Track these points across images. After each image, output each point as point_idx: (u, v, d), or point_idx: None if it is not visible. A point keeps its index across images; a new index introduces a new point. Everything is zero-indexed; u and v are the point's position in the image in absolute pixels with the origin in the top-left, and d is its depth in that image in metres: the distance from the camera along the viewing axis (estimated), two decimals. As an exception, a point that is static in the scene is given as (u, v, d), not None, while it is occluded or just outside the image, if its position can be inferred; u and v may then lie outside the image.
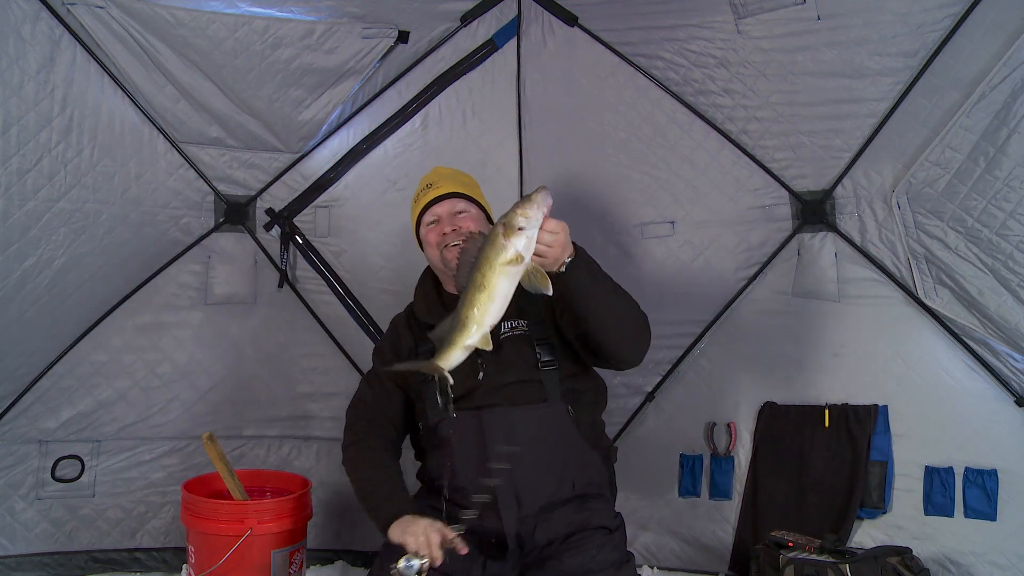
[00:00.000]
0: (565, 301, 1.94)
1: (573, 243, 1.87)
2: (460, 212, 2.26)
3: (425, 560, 1.88)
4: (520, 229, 1.69)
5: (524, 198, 1.74)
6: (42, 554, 3.14)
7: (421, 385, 2.20)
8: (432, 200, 2.28)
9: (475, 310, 1.71)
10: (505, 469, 1.99)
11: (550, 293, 1.73)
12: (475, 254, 1.74)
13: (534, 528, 2.05)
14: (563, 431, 2.11)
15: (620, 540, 2.13)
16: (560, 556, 2.02)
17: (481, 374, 2.12)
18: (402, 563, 1.87)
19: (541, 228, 1.72)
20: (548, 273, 1.79)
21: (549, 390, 2.10)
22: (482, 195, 2.38)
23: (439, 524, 1.94)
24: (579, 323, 2.02)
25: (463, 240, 1.83)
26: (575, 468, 2.12)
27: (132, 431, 3.24)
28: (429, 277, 2.41)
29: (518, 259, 1.69)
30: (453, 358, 1.79)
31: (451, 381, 1.86)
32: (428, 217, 2.29)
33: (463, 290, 1.75)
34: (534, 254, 1.74)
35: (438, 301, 2.31)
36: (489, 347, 1.76)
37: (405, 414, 2.32)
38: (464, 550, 1.89)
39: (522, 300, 2.06)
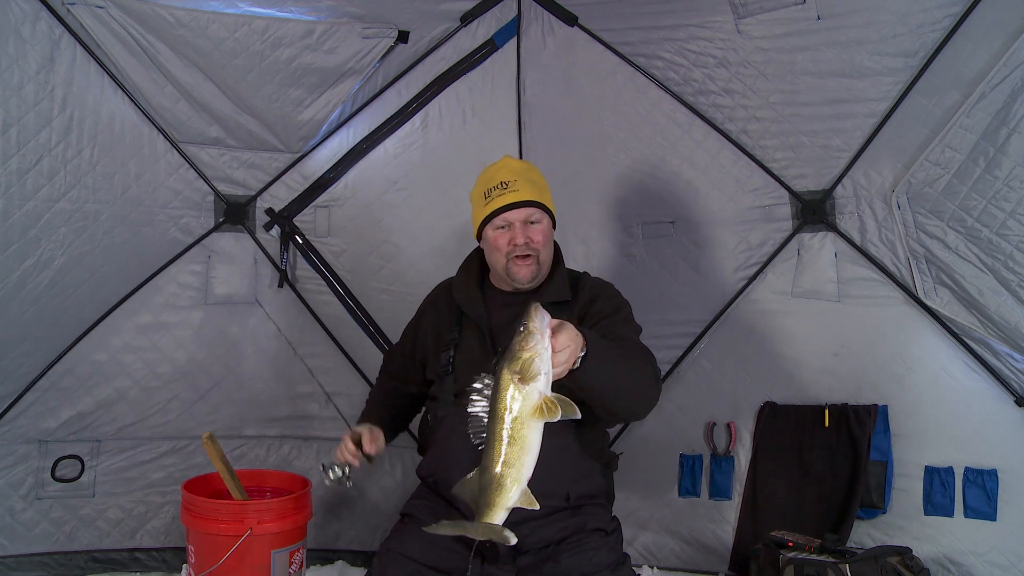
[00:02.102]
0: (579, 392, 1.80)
1: (579, 329, 1.71)
2: (534, 223, 2.17)
3: (346, 465, 2.19)
4: (536, 371, 1.51)
5: (523, 331, 1.53)
6: (42, 554, 3.14)
7: (437, 377, 2.24)
8: (508, 204, 2.16)
9: (509, 468, 1.54)
10: None
11: (579, 416, 1.56)
12: (490, 404, 1.55)
13: (528, 533, 2.02)
14: (563, 444, 2.07)
15: (616, 542, 2.13)
16: (557, 558, 2.00)
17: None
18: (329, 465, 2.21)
19: (553, 351, 1.55)
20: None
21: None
22: (551, 200, 2.27)
23: (364, 429, 2.21)
24: (590, 403, 1.92)
25: (475, 383, 1.61)
26: (571, 480, 2.09)
27: (132, 431, 3.24)
28: (476, 261, 2.34)
29: (548, 403, 1.52)
30: (498, 518, 1.60)
31: (513, 541, 1.64)
32: (499, 220, 2.17)
33: (486, 444, 1.57)
34: (555, 377, 1.60)
35: (478, 289, 2.27)
36: (535, 506, 1.60)
37: (420, 385, 2.41)
38: (371, 449, 2.18)
39: (552, 312, 2.09)
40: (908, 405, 2.84)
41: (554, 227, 2.27)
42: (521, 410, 1.51)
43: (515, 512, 1.96)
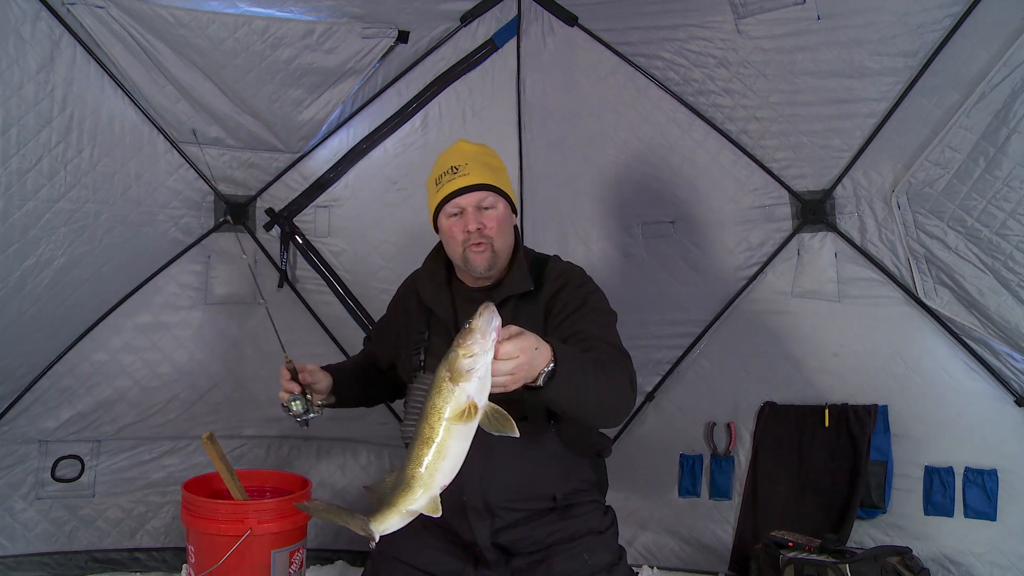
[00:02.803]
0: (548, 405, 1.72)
1: (547, 341, 1.57)
2: (487, 208, 2.02)
3: (297, 399, 2.10)
4: (468, 371, 1.39)
5: (464, 329, 1.41)
6: (42, 554, 3.14)
7: (409, 379, 2.14)
8: (458, 190, 2.02)
9: (419, 468, 1.43)
10: (476, 482, 1.92)
11: (517, 435, 1.46)
12: (423, 400, 1.44)
13: (517, 537, 1.99)
14: (542, 443, 1.98)
15: (611, 539, 2.06)
16: (550, 561, 1.96)
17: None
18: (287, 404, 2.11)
19: (495, 358, 1.42)
20: (526, 386, 1.53)
21: (530, 407, 1.91)
22: (508, 181, 2.12)
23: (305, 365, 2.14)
24: (559, 413, 1.83)
25: (414, 381, 1.51)
26: (557, 481, 2.02)
27: (132, 431, 3.24)
28: (442, 256, 2.20)
29: (471, 408, 1.40)
30: (390, 523, 1.51)
31: (375, 541, 1.59)
32: (451, 208, 2.03)
33: (409, 444, 1.46)
34: (494, 387, 1.44)
35: (446, 287, 2.15)
36: (437, 513, 1.48)
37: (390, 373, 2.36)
38: (305, 379, 2.12)
39: (519, 308, 2.02)
40: (908, 405, 2.84)
41: (515, 212, 2.12)
42: (444, 410, 1.41)
43: (506, 516, 1.96)
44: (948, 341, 2.80)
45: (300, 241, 3.32)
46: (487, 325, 1.40)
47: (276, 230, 3.30)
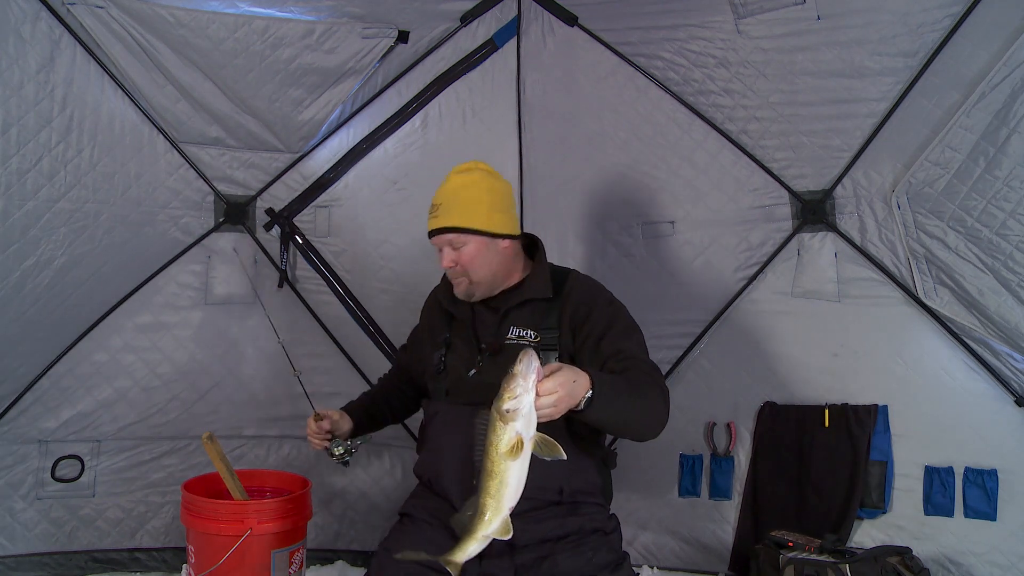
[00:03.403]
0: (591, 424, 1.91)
1: (586, 371, 1.79)
2: (457, 247, 2.17)
3: (343, 443, 2.36)
4: (514, 411, 1.61)
5: (508, 374, 1.63)
6: (42, 554, 3.14)
7: (430, 375, 2.27)
8: (431, 231, 2.22)
9: (490, 498, 1.65)
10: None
11: (564, 457, 1.68)
12: (484, 434, 1.66)
13: (523, 529, 1.98)
14: (554, 437, 2.06)
15: (616, 542, 2.12)
16: (554, 557, 2.00)
17: (474, 371, 2.14)
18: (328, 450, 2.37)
19: (537, 395, 1.63)
20: (571, 410, 1.75)
21: None
22: (487, 211, 2.18)
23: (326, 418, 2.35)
24: (605, 431, 2.01)
25: (478, 417, 1.70)
26: (565, 476, 2.08)
27: (132, 431, 3.24)
28: None
29: (520, 442, 1.62)
30: (470, 549, 1.71)
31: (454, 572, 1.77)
32: (433, 242, 2.23)
33: (478, 475, 1.69)
34: (541, 419, 1.66)
35: None
36: (509, 534, 1.69)
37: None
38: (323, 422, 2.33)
39: (536, 313, 2.16)
40: (908, 405, 2.84)
41: (504, 236, 2.19)
42: (499, 447, 1.61)
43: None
44: (948, 341, 2.80)
45: (300, 241, 3.32)
46: (527, 369, 1.62)
47: (276, 230, 3.30)
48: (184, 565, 2.98)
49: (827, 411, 2.94)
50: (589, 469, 2.15)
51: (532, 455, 1.65)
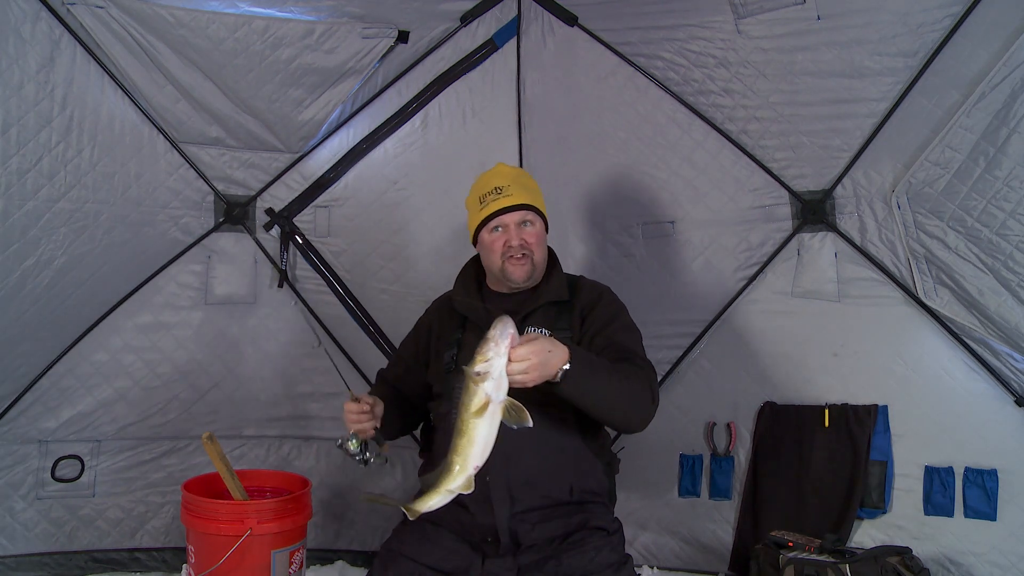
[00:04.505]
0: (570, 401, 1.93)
1: (566, 344, 1.84)
2: (527, 225, 2.23)
3: (358, 437, 2.15)
4: (484, 374, 1.68)
5: (483, 338, 1.70)
6: (42, 554, 3.14)
7: (444, 374, 2.24)
8: (502, 208, 2.23)
9: (457, 455, 1.72)
10: (501, 465, 1.99)
11: (530, 424, 1.71)
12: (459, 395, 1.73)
13: (530, 527, 2.05)
14: (565, 436, 2.12)
15: (619, 542, 2.14)
16: (558, 556, 2.02)
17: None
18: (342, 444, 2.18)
19: (509, 360, 1.69)
20: (548, 382, 1.80)
21: (556, 404, 2.01)
22: (543, 203, 2.33)
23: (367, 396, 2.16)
24: (584, 410, 2.00)
25: (455, 378, 1.79)
26: (575, 474, 2.12)
27: (132, 431, 3.24)
28: (472, 269, 2.40)
29: (487, 403, 1.68)
30: (433, 501, 1.77)
31: (412, 517, 1.85)
32: (494, 224, 2.24)
33: (450, 433, 1.75)
34: (514, 384, 1.72)
35: (477, 294, 2.33)
36: (470, 490, 1.74)
37: (421, 393, 2.39)
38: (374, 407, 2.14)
39: (551, 312, 2.20)
40: (908, 405, 2.84)
41: (547, 231, 2.32)
42: (470, 407, 1.69)
43: (525, 499, 2.05)
44: (948, 341, 2.80)
45: (300, 241, 3.32)
46: (500, 335, 1.69)
47: (276, 230, 3.30)
48: (184, 565, 2.99)
49: (827, 411, 2.94)
50: (596, 471, 2.18)
51: (502, 422, 1.71)
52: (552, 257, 2.34)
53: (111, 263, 3.05)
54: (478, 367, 1.68)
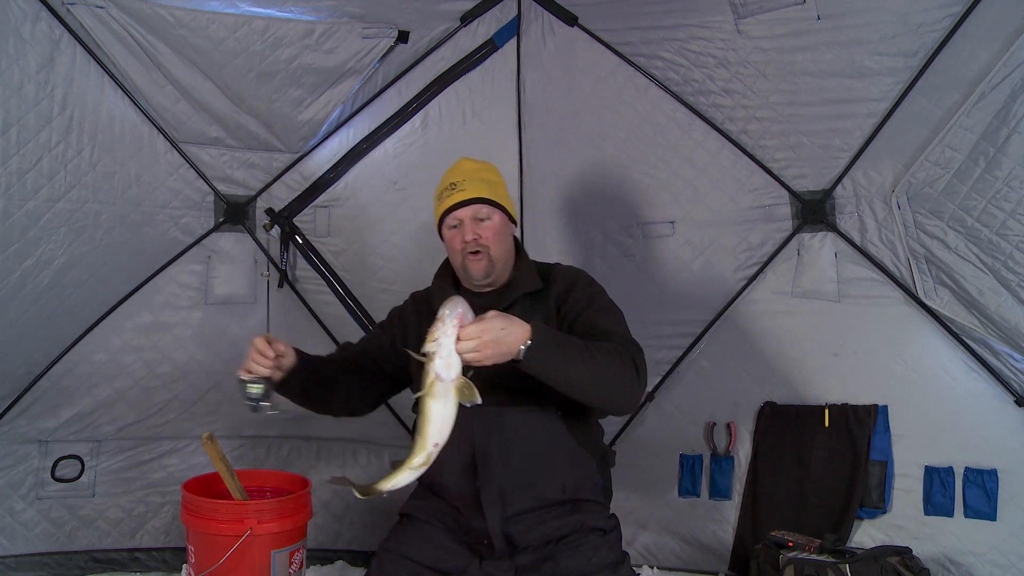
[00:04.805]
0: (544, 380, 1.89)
1: (529, 323, 1.82)
2: (483, 219, 2.17)
3: (259, 380, 1.98)
4: (432, 353, 1.70)
5: (435, 319, 1.73)
6: (42, 554, 3.14)
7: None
8: (456, 204, 2.18)
9: (417, 435, 1.76)
10: (491, 469, 2.00)
11: (479, 402, 1.73)
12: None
13: (525, 530, 2.03)
14: (554, 435, 2.08)
15: (615, 541, 2.12)
16: (555, 558, 2.00)
17: (471, 371, 2.08)
18: (246, 382, 1.99)
19: (458, 339, 1.70)
20: (513, 360, 1.80)
21: (541, 393, 2.00)
22: (506, 195, 2.28)
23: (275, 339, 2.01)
24: (562, 392, 1.95)
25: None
26: (567, 472, 2.09)
27: (132, 431, 3.24)
28: (449, 269, 2.33)
29: (436, 380, 1.71)
30: (397, 479, 1.78)
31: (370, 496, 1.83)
32: (451, 220, 2.19)
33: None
34: (469, 362, 1.73)
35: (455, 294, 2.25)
36: (427, 466, 1.76)
37: (387, 378, 2.31)
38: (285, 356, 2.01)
39: (527, 303, 2.14)
40: (908, 405, 2.84)
41: (514, 223, 2.28)
42: (422, 385, 1.73)
43: (518, 503, 2.03)
44: (948, 341, 2.80)
45: (300, 241, 3.32)
46: (449, 314, 1.72)
47: (276, 230, 3.30)
48: (184, 565, 2.99)
49: (827, 411, 2.94)
50: (590, 466, 2.15)
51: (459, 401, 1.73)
52: (521, 250, 2.29)
53: (111, 263, 3.05)
54: (427, 347, 1.70)
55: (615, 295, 2.25)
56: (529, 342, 1.79)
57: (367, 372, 2.28)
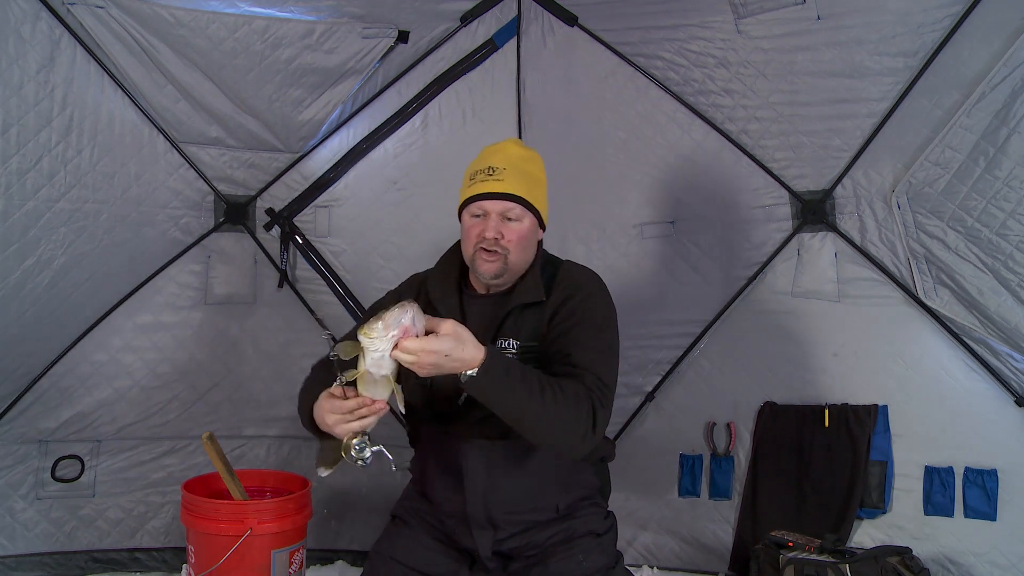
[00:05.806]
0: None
1: (488, 349, 1.67)
2: (511, 220, 1.94)
3: (366, 440, 1.78)
4: (364, 348, 1.62)
5: (378, 314, 1.60)
6: (42, 554, 3.14)
7: (412, 386, 2.00)
8: (487, 193, 1.95)
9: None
10: (480, 499, 1.94)
11: (402, 410, 1.75)
12: None
13: (516, 544, 1.97)
14: (546, 459, 1.95)
15: (609, 543, 2.04)
16: (545, 563, 1.93)
17: (462, 399, 1.95)
18: (355, 448, 1.79)
19: (396, 347, 1.60)
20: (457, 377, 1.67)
21: None
22: (544, 196, 2.05)
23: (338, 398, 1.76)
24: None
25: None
26: (559, 493, 1.98)
27: (132, 431, 3.24)
28: (457, 259, 2.10)
29: (363, 375, 1.65)
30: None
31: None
32: (476, 208, 1.96)
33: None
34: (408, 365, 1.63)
35: (455, 290, 2.06)
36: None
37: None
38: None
39: (521, 316, 1.97)
40: (908, 405, 2.84)
41: (543, 229, 2.07)
42: (355, 370, 1.68)
43: (509, 527, 1.96)
44: (948, 341, 2.80)
45: (300, 241, 3.32)
46: (392, 321, 1.58)
47: (276, 230, 3.30)
48: (184, 565, 2.98)
49: (827, 411, 2.94)
50: (585, 475, 2.04)
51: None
52: (536, 258, 2.04)
53: (111, 263, 3.05)
54: (361, 339, 1.60)
55: (615, 295, 2.21)
56: (474, 372, 1.65)
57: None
